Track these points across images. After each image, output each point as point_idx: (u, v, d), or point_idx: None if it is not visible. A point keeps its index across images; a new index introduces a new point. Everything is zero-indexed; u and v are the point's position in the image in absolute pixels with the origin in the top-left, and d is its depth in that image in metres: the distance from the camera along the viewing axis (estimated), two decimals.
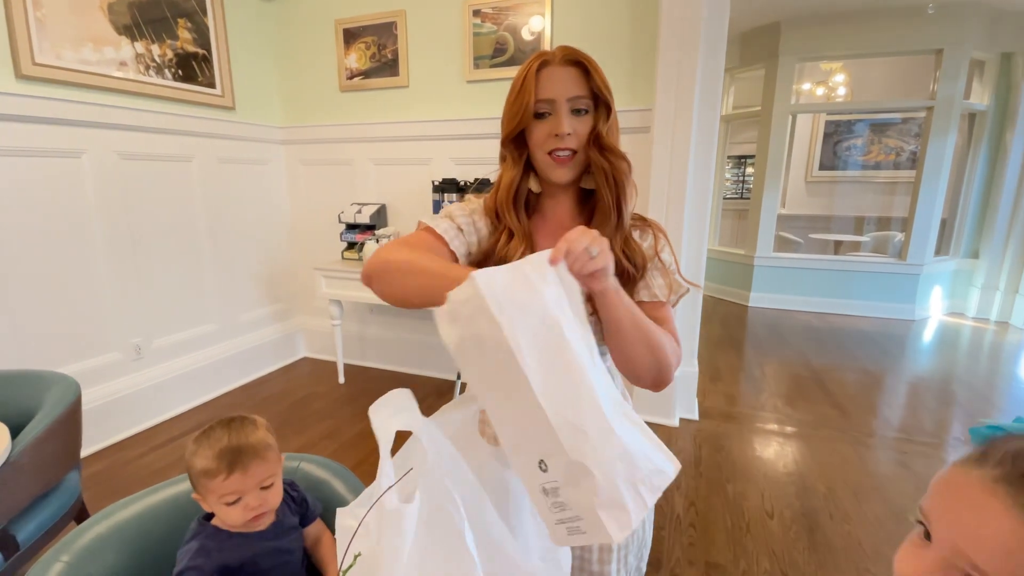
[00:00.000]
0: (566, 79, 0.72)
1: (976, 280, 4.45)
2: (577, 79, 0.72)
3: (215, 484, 0.77)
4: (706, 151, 2.27)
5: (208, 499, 0.79)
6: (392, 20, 2.68)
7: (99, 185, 2.15)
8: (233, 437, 0.79)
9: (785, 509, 1.83)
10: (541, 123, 0.73)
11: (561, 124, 0.72)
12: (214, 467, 0.77)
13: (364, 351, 3.17)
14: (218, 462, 0.77)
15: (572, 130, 0.72)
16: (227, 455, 0.77)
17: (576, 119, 0.73)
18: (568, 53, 0.73)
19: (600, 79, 0.73)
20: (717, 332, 3.97)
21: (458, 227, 0.78)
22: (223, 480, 0.77)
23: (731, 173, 7.06)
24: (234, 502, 0.78)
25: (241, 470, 0.78)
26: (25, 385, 1.38)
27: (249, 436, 0.80)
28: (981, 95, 4.23)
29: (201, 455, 0.78)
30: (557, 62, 0.72)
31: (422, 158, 2.78)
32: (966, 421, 2.54)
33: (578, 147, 0.74)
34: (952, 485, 0.36)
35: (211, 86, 2.60)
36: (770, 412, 2.61)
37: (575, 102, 0.73)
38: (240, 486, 0.78)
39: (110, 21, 2.14)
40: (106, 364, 2.24)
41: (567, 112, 0.72)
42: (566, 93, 0.72)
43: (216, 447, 0.78)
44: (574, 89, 0.72)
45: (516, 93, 0.74)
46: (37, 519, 1.24)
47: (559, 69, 0.72)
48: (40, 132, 1.94)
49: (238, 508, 0.78)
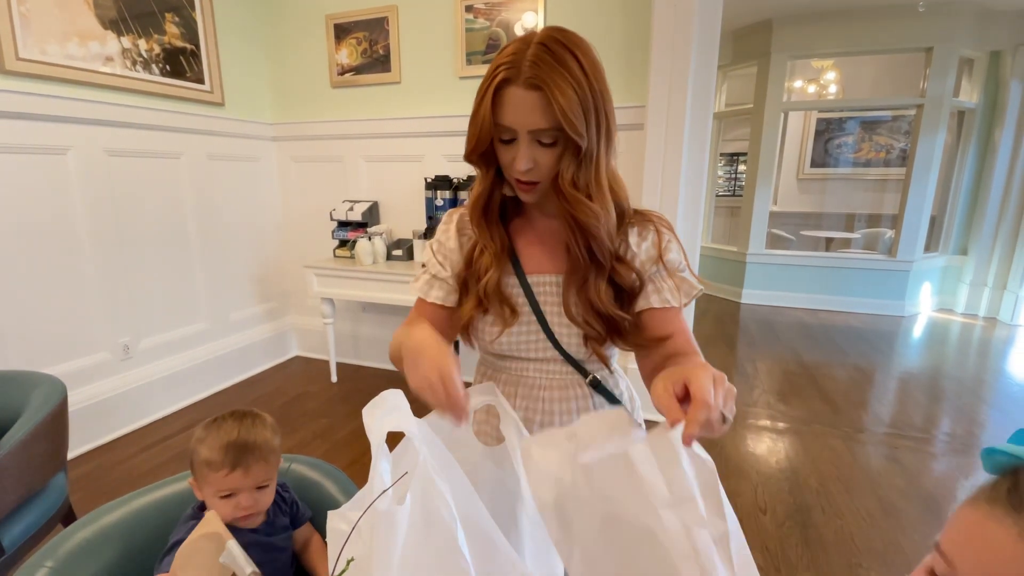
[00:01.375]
0: (527, 107, 0.60)
1: (965, 276, 4.49)
2: (542, 107, 0.60)
3: (215, 477, 0.77)
4: (699, 148, 2.27)
5: (204, 489, 0.80)
6: (384, 15, 2.65)
7: (85, 182, 2.11)
8: (243, 432, 0.79)
9: (778, 505, 1.84)
10: (504, 147, 0.65)
11: (519, 159, 0.63)
12: (218, 460, 0.77)
13: (357, 350, 3.15)
14: (223, 456, 0.77)
15: (533, 164, 0.64)
16: (232, 451, 0.78)
17: (540, 150, 0.63)
18: (533, 74, 0.59)
19: (564, 110, 0.59)
20: (710, 329, 3.99)
21: (443, 280, 0.78)
22: (224, 475, 0.77)
23: (723, 170, 7.09)
24: (227, 496, 0.79)
25: (243, 469, 0.78)
26: (9, 386, 1.35)
27: (257, 435, 0.80)
28: (970, 93, 4.27)
29: (208, 444, 0.78)
30: (521, 82, 0.60)
31: (414, 155, 2.76)
32: (955, 416, 2.57)
33: (542, 178, 0.66)
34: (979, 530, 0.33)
35: (200, 82, 2.56)
36: (763, 408, 2.62)
37: (538, 134, 0.62)
38: (238, 484, 0.78)
39: (96, 15, 2.10)
40: (94, 364, 2.21)
41: (527, 143, 0.63)
42: (527, 124, 0.61)
43: (223, 439, 0.78)
44: (537, 120, 0.61)
45: (475, 110, 0.64)
46: (23, 523, 1.22)
47: (521, 93, 0.60)
48: (24, 128, 1.90)
49: (230, 503, 0.79)
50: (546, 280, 0.75)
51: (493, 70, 0.62)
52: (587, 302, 0.70)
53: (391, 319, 3.02)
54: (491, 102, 0.62)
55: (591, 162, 0.64)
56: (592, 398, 0.76)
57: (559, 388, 0.75)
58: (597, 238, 0.66)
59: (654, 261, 0.71)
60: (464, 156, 0.70)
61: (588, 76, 0.61)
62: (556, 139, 0.63)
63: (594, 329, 0.71)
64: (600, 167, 0.65)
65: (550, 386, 0.76)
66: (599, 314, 0.69)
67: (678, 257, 0.72)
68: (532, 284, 0.75)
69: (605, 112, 0.64)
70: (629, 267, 0.70)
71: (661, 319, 0.69)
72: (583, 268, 0.68)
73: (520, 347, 0.76)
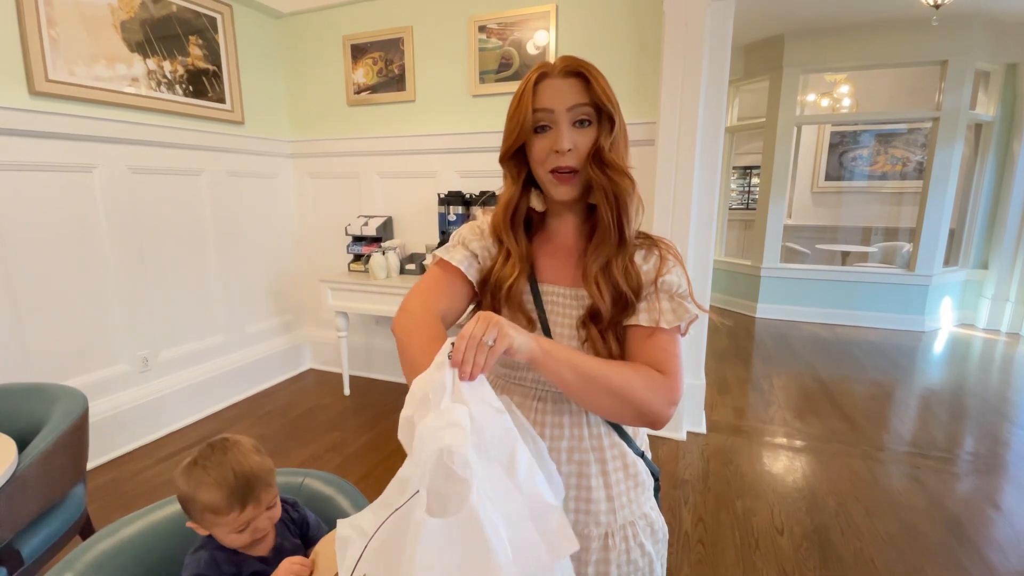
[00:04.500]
0: (566, 89, 0.68)
1: (986, 291, 4.40)
2: (578, 89, 0.68)
3: (226, 519, 0.75)
4: (711, 163, 2.27)
5: (213, 529, 0.78)
6: (399, 36, 2.71)
7: (110, 199, 2.18)
8: (236, 467, 0.76)
9: (795, 525, 1.80)
10: (541, 138, 0.70)
11: (561, 139, 0.68)
12: (224, 504, 0.75)
13: (370, 363, 3.17)
14: (228, 498, 0.75)
15: (573, 144, 0.68)
16: (236, 491, 0.75)
17: (577, 132, 0.69)
18: (568, 64, 0.69)
19: (602, 88, 0.68)
20: (724, 343, 3.94)
21: (472, 253, 0.78)
22: (236, 515, 0.75)
23: (737, 183, 7.06)
24: (243, 530, 0.77)
25: (254, 502, 0.77)
26: (33, 398, 1.38)
27: (251, 463, 0.78)
28: (987, 106, 4.22)
29: (205, 490, 0.75)
30: (557, 73, 0.69)
31: (428, 171, 2.80)
32: (978, 435, 2.50)
33: (579, 164, 0.69)
34: None
35: (221, 101, 2.63)
36: (779, 425, 2.58)
37: (576, 112, 0.68)
38: (251, 516, 0.77)
39: (123, 39, 2.18)
40: (113, 376, 2.25)
41: (567, 124, 0.68)
42: (566, 102, 0.68)
43: (219, 480, 0.75)
44: (574, 98, 0.68)
45: (515, 106, 0.70)
46: (42, 533, 1.24)
47: (558, 80, 0.69)
48: (53, 147, 1.98)
49: (246, 533, 0.78)
50: (557, 291, 0.74)
51: (530, 74, 0.70)
52: (609, 277, 0.70)
53: None
54: (531, 95, 0.68)
55: (623, 140, 0.71)
56: (586, 415, 0.73)
57: (553, 401, 0.73)
58: (628, 212, 0.70)
59: (652, 282, 0.71)
60: (499, 157, 0.75)
61: (604, 84, 0.70)
62: (591, 118, 0.69)
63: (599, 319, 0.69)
64: (625, 153, 0.71)
65: (544, 398, 0.74)
66: (618, 293, 0.69)
67: (678, 280, 0.71)
68: (543, 292, 0.75)
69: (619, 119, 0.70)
70: (635, 273, 0.71)
71: (641, 337, 0.69)
72: (613, 242, 0.70)
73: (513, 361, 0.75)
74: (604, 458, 0.73)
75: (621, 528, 0.73)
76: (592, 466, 0.72)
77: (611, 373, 0.63)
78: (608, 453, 0.73)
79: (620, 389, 0.62)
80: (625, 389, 0.62)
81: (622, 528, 0.73)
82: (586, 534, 0.71)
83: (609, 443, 0.73)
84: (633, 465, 0.74)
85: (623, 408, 0.64)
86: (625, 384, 0.63)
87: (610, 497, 0.72)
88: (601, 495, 0.72)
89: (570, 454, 0.72)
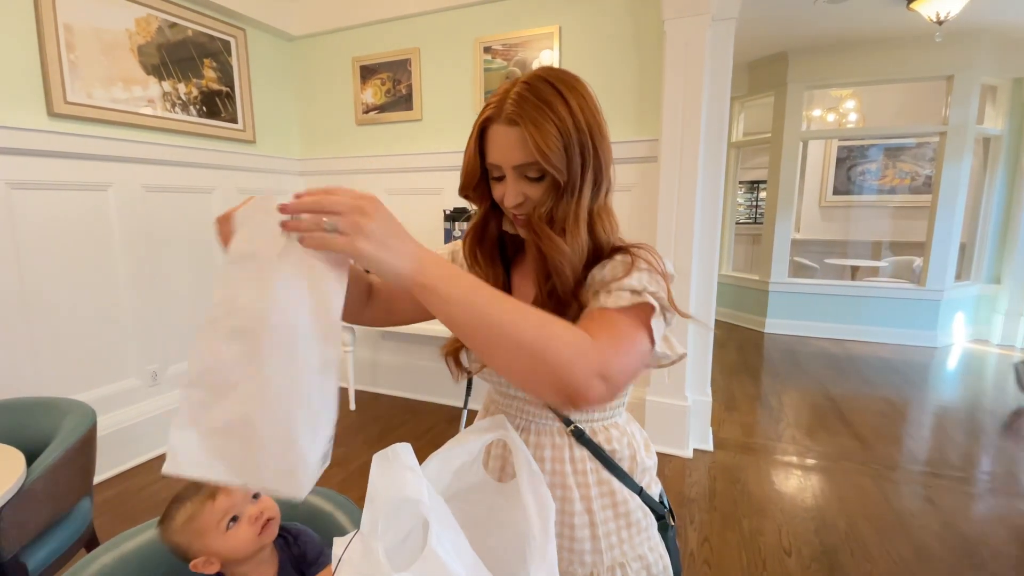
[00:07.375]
0: (511, 143, 0.61)
1: (999, 306, 4.33)
2: (521, 143, 0.60)
3: (206, 518, 0.76)
4: (714, 179, 2.28)
5: (210, 545, 0.77)
6: (407, 57, 2.77)
7: (123, 217, 2.23)
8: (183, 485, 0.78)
9: (804, 546, 1.77)
10: (496, 183, 0.66)
11: (507, 195, 0.64)
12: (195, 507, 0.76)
13: (376, 377, 3.18)
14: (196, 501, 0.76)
15: (523, 198, 0.63)
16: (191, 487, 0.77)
17: (528, 185, 0.63)
18: (512, 111, 0.59)
19: (542, 145, 0.58)
20: (732, 359, 3.91)
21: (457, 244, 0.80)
22: (212, 506, 0.76)
23: (744, 198, 7.06)
24: (234, 520, 0.77)
25: (224, 492, 0.77)
26: (42, 412, 1.41)
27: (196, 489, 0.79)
28: (995, 119, 4.21)
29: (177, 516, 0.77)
30: (503, 119, 0.61)
31: (434, 188, 2.84)
32: (994, 454, 2.44)
33: None
34: None
35: (233, 121, 2.70)
36: (788, 443, 2.54)
37: (523, 169, 0.62)
38: (229, 503, 0.77)
39: (139, 62, 2.25)
40: (122, 391, 2.28)
41: (515, 180, 0.63)
42: (510, 160, 0.62)
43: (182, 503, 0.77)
44: (518, 156, 0.61)
45: (466, 149, 0.66)
46: (48, 547, 1.25)
47: (504, 129, 0.61)
48: (69, 167, 2.04)
49: (243, 526, 0.77)
50: None
51: (482, 110, 0.64)
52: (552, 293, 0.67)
53: (410, 347, 3.06)
54: (476, 141, 0.64)
55: (572, 197, 0.62)
56: (571, 449, 0.69)
57: (535, 433, 0.71)
58: (560, 275, 0.64)
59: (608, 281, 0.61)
60: (458, 192, 0.71)
61: (573, 112, 0.60)
62: (543, 173, 0.61)
63: None
64: (582, 203, 0.63)
65: (527, 429, 0.72)
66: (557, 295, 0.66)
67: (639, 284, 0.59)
68: None
69: (593, 147, 0.62)
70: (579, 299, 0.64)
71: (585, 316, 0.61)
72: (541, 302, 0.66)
73: (502, 380, 0.73)
74: (589, 495, 0.68)
75: (609, 570, 0.68)
76: (576, 503, 0.68)
77: (524, 322, 0.49)
78: (594, 490, 0.68)
79: (533, 343, 0.48)
80: (539, 343, 0.48)
81: (610, 570, 0.68)
82: (571, 572, 0.69)
83: (596, 479, 0.69)
84: (624, 503, 0.69)
85: (534, 369, 0.48)
86: (540, 336, 0.48)
87: (595, 536, 0.68)
88: (585, 534, 0.68)
89: (552, 489, 0.67)
